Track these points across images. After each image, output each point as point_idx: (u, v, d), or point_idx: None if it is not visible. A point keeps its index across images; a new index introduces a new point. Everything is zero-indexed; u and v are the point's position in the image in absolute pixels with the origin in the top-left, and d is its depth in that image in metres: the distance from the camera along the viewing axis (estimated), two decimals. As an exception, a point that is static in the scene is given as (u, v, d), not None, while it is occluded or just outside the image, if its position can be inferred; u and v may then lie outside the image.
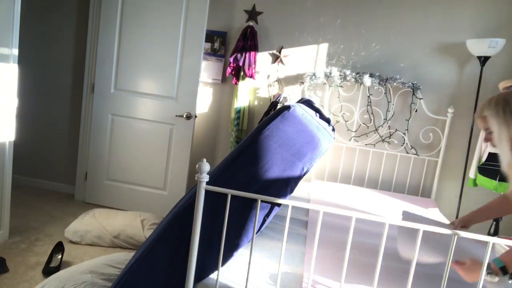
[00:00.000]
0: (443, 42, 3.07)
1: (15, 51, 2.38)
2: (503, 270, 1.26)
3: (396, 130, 3.18)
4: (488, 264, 1.26)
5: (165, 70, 3.16)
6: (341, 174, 3.31)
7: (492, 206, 1.74)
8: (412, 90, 3.06)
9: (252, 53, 3.16)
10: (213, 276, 1.49)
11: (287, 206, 2.31)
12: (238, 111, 3.25)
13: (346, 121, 3.23)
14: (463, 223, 1.78)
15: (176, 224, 1.39)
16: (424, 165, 3.17)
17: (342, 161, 3.26)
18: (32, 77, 3.54)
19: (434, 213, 2.65)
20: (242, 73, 3.19)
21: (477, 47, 2.83)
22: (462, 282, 1.63)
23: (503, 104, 1.47)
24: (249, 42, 3.15)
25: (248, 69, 3.15)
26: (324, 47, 3.22)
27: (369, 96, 3.16)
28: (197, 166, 1.29)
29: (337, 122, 3.24)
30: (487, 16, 2.98)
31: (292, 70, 3.29)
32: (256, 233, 1.46)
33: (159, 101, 3.20)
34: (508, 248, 1.35)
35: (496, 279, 1.24)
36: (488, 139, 1.57)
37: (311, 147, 1.43)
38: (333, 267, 1.63)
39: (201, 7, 3.04)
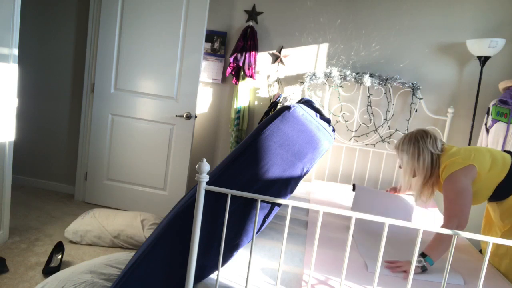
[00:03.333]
0: (443, 42, 3.07)
1: (15, 51, 2.38)
2: (429, 261, 1.64)
3: (396, 130, 3.18)
4: (422, 267, 1.63)
5: (165, 70, 3.16)
6: (341, 174, 3.31)
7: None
8: (412, 90, 3.06)
9: (252, 53, 3.16)
10: (213, 276, 1.49)
11: (287, 206, 2.31)
12: (238, 111, 3.25)
13: (346, 121, 3.23)
14: (396, 189, 2.39)
15: (176, 224, 1.39)
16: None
17: (342, 161, 3.27)
18: (32, 77, 3.54)
19: (434, 213, 2.65)
20: (242, 73, 3.19)
21: (477, 47, 2.83)
22: (460, 283, 1.64)
23: (414, 142, 1.89)
24: (249, 42, 3.15)
25: (248, 69, 3.15)
26: (324, 47, 3.22)
27: (369, 96, 3.16)
28: (197, 166, 1.29)
29: (337, 122, 3.24)
30: (487, 16, 2.98)
31: (292, 70, 3.29)
32: (256, 233, 1.46)
33: (159, 101, 3.21)
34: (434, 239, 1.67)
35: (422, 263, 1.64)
36: (401, 167, 2.00)
37: (311, 148, 1.43)
38: (333, 267, 1.63)
39: (201, 7, 3.04)
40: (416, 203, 1.97)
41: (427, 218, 2.50)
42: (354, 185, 2.37)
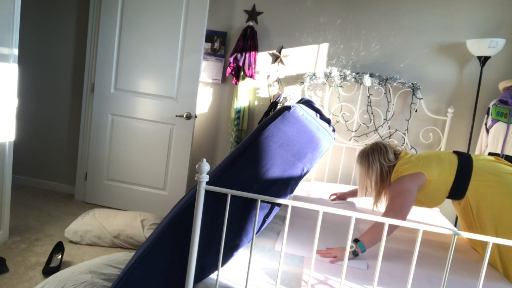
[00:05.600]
0: (443, 42, 3.07)
1: (15, 51, 2.38)
2: (361, 247, 1.73)
3: (396, 130, 3.18)
4: (353, 252, 1.73)
5: (165, 70, 3.16)
6: (341, 174, 3.31)
7: (351, 192, 2.49)
8: (412, 90, 3.06)
9: (252, 53, 3.16)
10: (213, 276, 1.49)
11: (287, 206, 2.31)
12: (238, 111, 3.25)
13: (346, 121, 3.23)
14: (340, 196, 2.54)
15: (176, 224, 1.39)
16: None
17: (342, 161, 3.27)
18: (32, 77, 3.54)
19: (435, 214, 2.65)
20: (242, 73, 3.19)
21: (477, 47, 2.83)
22: (460, 283, 1.64)
23: (365, 157, 2.04)
24: (249, 42, 3.15)
25: (248, 69, 3.15)
26: (324, 47, 3.22)
27: (369, 96, 3.16)
28: (197, 166, 1.29)
29: (337, 122, 3.24)
30: (487, 16, 2.98)
31: (292, 70, 3.29)
32: (256, 233, 1.46)
33: (159, 101, 3.21)
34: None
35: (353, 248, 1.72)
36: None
37: (312, 148, 1.43)
38: (333, 267, 1.63)
39: (201, 7, 3.04)
40: (373, 208, 2.11)
41: (428, 218, 2.50)
42: None
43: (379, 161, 2.02)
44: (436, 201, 1.97)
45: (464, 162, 1.92)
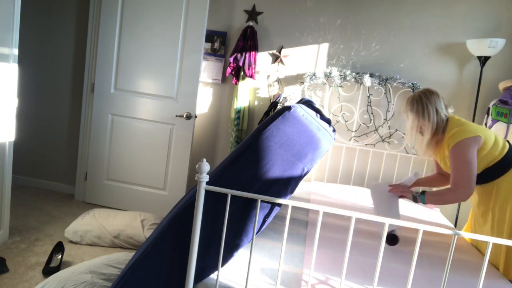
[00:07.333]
0: (443, 42, 3.07)
1: (15, 51, 2.38)
2: (422, 199, 1.90)
3: (396, 130, 3.18)
4: (415, 197, 1.94)
5: (165, 70, 3.16)
6: (341, 174, 3.31)
7: (426, 180, 2.29)
8: (412, 90, 3.06)
9: (252, 53, 3.16)
10: (213, 276, 1.49)
11: (287, 206, 2.31)
12: (238, 111, 3.25)
13: (346, 121, 3.23)
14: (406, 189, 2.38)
15: (176, 224, 1.39)
16: (424, 165, 3.17)
17: (342, 161, 3.27)
18: (32, 77, 3.54)
19: (436, 214, 2.65)
20: (242, 73, 3.19)
21: (477, 47, 2.83)
22: (460, 283, 1.64)
23: (417, 100, 1.94)
24: (249, 42, 3.15)
25: (248, 69, 3.15)
26: (324, 47, 3.22)
27: (369, 96, 3.16)
28: (197, 166, 1.29)
29: (337, 122, 3.24)
30: (487, 16, 2.98)
31: (292, 70, 3.29)
32: (256, 233, 1.46)
33: (159, 101, 3.20)
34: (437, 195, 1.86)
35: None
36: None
37: (312, 148, 1.43)
38: (333, 267, 1.63)
39: (201, 7, 3.04)
40: (419, 155, 2.07)
41: (430, 218, 2.51)
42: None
43: (435, 107, 1.91)
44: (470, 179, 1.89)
45: None
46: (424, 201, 1.89)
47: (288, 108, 1.43)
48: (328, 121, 1.55)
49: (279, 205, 1.47)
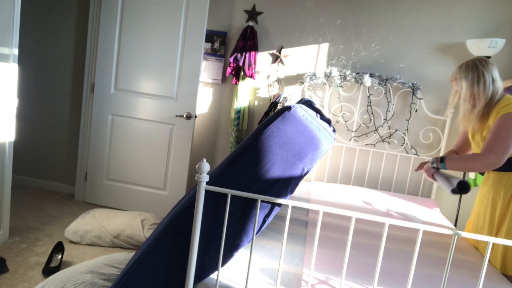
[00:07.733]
0: (443, 42, 3.07)
1: (15, 51, 2.38)
2: (442, 165, 1.88)
3: (396, 130, 3.18)
4: (433, 167, 1.95)
5: (165, 70, 3.16)
6: (341, 174, 3.31)
7: (455, 149, 2.21)
8: (412, 90, 3.06)
9: (252, 53, 3.16)
10: (213, 276, 1.49)
11: (287, 206, 2.31)
12: (238, 111, 3.25)
13: (346, 121, 3.23)
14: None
15: (176, 224, 1.39)
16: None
17: (342, 161, 3.27)
18: (32, 77, 3.54)
19: (436, 214, 2.65)
20: (242, 73, 3.19)
21: (477, 47, 2.83)
22: (460, 283, 1.64)
23: (472, 67, 1.85)
24: (249, 42, 3.15)
25: (248, 69, 3.15)
26: (324, 47, 3.22)
27: (369, 96, 3.16)
28: (197, 166, 1.29)
29: (337, 122, 3.24)
30: (487, 16, 2.98)
31: (292, 70, 3.29)
32: (256, 233, 1.46)
33: (159, 101, 3.21)
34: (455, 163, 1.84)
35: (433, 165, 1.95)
36: (459, 97, 1.98)
37: (312, 148, 1.43)
38: (333, 267, 1.63)
39: (201, 7, 3.04)
40: (463, 125, 2.00)
41: (430, 218, 2.51)
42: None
43: (489, 73, 1.82)
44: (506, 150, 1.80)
45: None
46: (445, 167, 1.85)
47: (288, 108, 1.43)
48: (328, 121, 1.55)
49: (279, 205, 1.47)
